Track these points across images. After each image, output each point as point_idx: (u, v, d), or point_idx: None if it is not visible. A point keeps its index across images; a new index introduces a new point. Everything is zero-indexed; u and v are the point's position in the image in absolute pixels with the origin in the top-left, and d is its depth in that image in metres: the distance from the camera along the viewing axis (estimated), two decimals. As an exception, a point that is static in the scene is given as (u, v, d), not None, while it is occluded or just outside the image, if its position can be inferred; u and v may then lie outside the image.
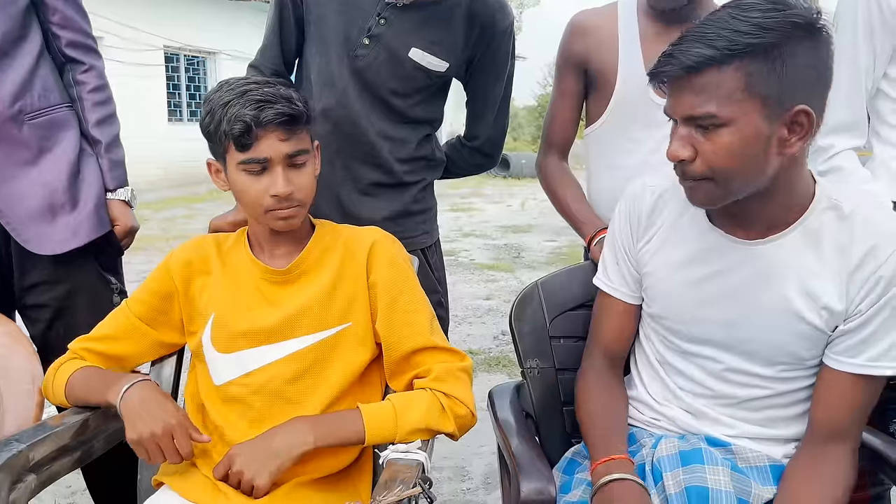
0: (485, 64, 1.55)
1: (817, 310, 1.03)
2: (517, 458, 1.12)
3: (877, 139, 1.42)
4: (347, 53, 1.48)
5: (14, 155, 1.44)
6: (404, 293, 1.22)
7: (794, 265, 1.04)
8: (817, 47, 0.94)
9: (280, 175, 1.12)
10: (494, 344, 3.92)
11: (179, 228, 7.44)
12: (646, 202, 1.18)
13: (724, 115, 0.94)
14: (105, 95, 1.59)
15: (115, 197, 1.58)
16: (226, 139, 1.11)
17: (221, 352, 1.20)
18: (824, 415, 1.06)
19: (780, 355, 1.08)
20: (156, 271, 1.26)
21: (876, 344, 1.01)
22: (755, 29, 0.91)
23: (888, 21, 1.33)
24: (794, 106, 0.94)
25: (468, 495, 2.32)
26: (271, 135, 1.10)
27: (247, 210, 1.19)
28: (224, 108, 1.10)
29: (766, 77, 0.92)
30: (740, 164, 0.96)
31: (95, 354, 1.24)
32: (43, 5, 1.50)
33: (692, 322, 1.13)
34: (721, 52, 0.92)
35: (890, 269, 0.99)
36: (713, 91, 0.94)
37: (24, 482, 1.08)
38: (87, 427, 1.20)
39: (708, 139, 0.96)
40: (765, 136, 0.95)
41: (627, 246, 1.21)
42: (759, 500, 1.06)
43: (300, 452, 1.08)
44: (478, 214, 9.37)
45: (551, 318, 1.36)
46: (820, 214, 1.04)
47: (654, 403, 1.20)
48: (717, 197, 1.02)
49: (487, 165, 1.75)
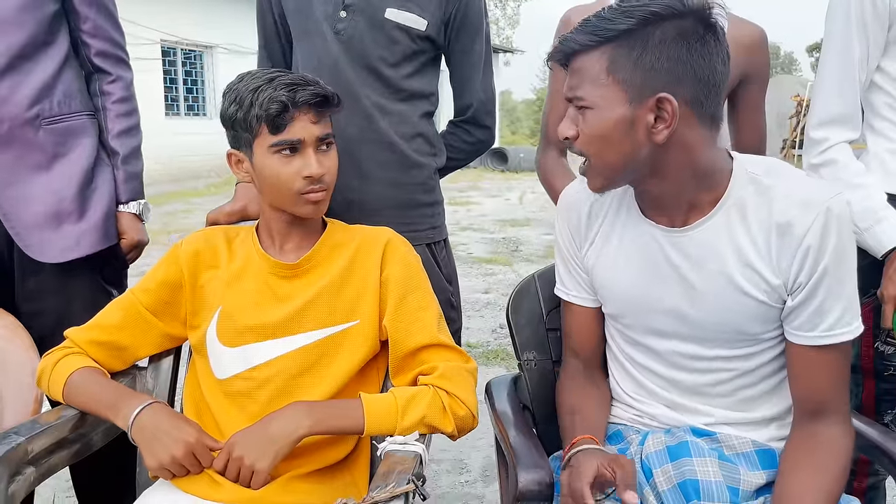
0: (461, 21, 1.56)
1: (758, 283, 1.04)
2: (515, 450, 1.12)
3: (870, 132, 1.42)
4: (331, 30, 1.49)
5: (27, 158, 1.43)
6: (414, 291, 1.23)
7: (727, 244, 1.05)
8: (687, 38, 0.96)
9: (312, 157, 1.15)
10: (493, 337, 3.93)
11: (178, 223, 7.43)
12: (583, 206, 1.20)
13: (590, 98, 1.00)
14: (129, 107, 1.58)
15: (126, 209, 1.57)
16: (257, 123, 1.13)
17: (227, 345, 1.20)
18: (802, 390, 1.07)
19: (734, 334, 1.09)
20: (163, 261, 1.25)
21: (828, 314, 1.02)
22: (618, 15, 0.97)
23: (881, 13, 1.33)
24: (657, 93, 0.96)
25: (466, 488, 2.33)
26: (304, 117, 1.14)
27: (275, 196, 1.18)
28: (255, 94, 1.12)
29: (626, 62, 0.97)
30: (606, 146, 1.01)
31: (97, 345, 1.22)
32: (74, 13, 1.49)
33: (644, 316, 1.15)
34: (589, 37, 0.99)
35: (814, 237, 0.99)
36: (583, 75, 1.01)
37: (23, 475, 1.09)
38: (86, 420, 1.20)
39: (583, 120, 1.02)
40: (627, 120, 0.99)
41: (573, 253, 1.23)
42: (748, 486, 1.07)
43: (298, 437, 1.08)
44: (476, 208, 9.37)
45: (548, 310, 1.36)
46: (741, 190, 1.05)
47: (633, 402, 1.21)
48: (601, 181, 1.06)
49: (486, 142, 1.72)
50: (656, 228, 1.11)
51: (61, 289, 1.49)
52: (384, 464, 1.07)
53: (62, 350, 1.22)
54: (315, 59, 1.51)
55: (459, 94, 1.66)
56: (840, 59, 1.38)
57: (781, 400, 1.13)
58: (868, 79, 1.39)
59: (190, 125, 11.84)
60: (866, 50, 1.36)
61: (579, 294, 1.24)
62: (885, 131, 1.39)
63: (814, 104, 1.45)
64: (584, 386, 1.24)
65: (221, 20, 11.56)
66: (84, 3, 1.49)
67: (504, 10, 31.08)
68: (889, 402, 1.43)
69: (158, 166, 10.58)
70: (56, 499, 2.19)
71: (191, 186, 10.53)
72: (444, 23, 1.54)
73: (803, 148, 1.49)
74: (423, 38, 1.51)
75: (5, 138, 1.40)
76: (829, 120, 1.40)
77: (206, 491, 1.11)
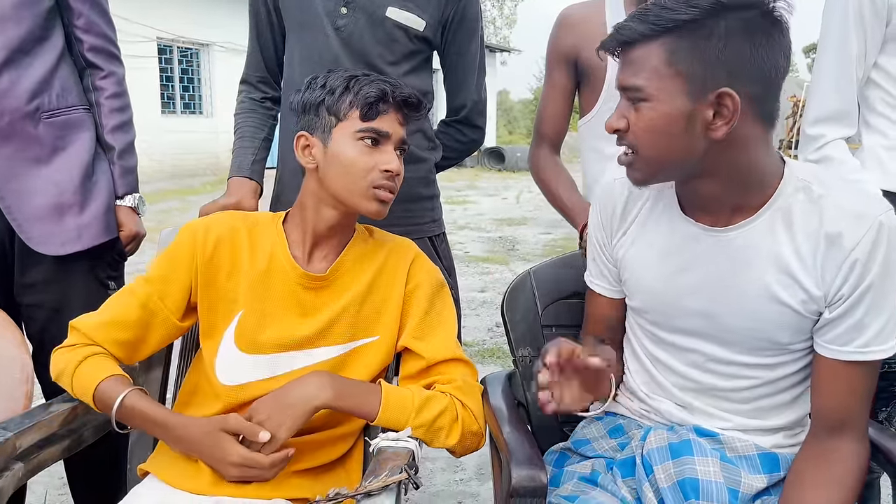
0: (458, 23, 1.57)
1: (796, 292, 1.02)
2: (509, 446, 1.12)
3: (866, 128, 1.42)
4: (331, 25, 1.49)
5: (27, 151, 1.44)
6: (439, 306, 1.24)
7: (768, 249, 1.03)
8: (752, 31, 0.93)
9: (393, 154, 1.16)
10: (488, 336, 3.93)
11: (174, 220, 7.41)
12: (619, 197, 1.18)
13: (648, 89, 0.96)
14: (122, 102, 1.59)
15: (122, 203, 1.58)
16: (350, 107, 1.14)
17: (245, 352, 1.18)
18: (825, 404, 1.04)
19: (762, 342, 1.07)
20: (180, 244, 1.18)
21: (866, 329, 1.00)
22: (682, 6, 0.94)
23: (878, 9, 1.33)
24: (719, 88, 0.94)
25: (461, 486, 2.33)
26: (395, 114, 1.16)
27: (343, 185, 1.14)
28: (352, 80, 1.15)
29: (689, 54, 0.94)
30: (660, 139, 0.98)
31: (118, 345, 1.16)
32: (68, 9, 1.50)
33: (672, 314, 1.13)
34: (649, 26, 0.95)
35: (863, 251, 0.97)
36: (641, 65, 0.97)
37: (11, 470, 1.08)
38: (76, 416, 1.19)
39: (636, 112, 0.99)
40: (686, 114, 0.95)
41: (603, 243, 1.21)
42: (748, 489, 1.06)
43: (314, 406, 1.08)
44: (473, 207, 9.37)
45: (543, 306, 1.36)
46: (789, 197, 1.02)
47: (644, 396, 1.20)
48: (644, 174, 1.03)
49: (478, 141, 1.75)
50: (696, 227, 1.08)
51: (60, 280, 1.49)
52: (377, 459, 1.06)
53: (85, 349, 1.15)
54: (315, 55, 1.50)
55: (454, 95, 1.67)
56: (837, 56, 1.38)
57: (795, 411, 1.12)
58: (865, 76, 1.39)
59: (186, 123, 11.82)
60: (864, 46, 1.36)
61: (601, 283, 1.24)
62: (880, 128, 1.39)
63: (810, 100, 1.44)
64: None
65: (218, 18, 11.55)
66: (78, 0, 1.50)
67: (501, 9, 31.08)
68: (883, 400, 1.43)
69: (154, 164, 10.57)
70: (48, 496, 2.18)
71: (186, 184, 10.51)
72: (441, 24, 1.55)
73: (799, 144, 1.49)
74: (420, 39, 1.52)
75: (6, 131, 1.41)
76: (826, 116, 1.40)
77: (194, 486, 1.10)
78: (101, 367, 1.13)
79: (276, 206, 1.61)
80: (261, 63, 1.63)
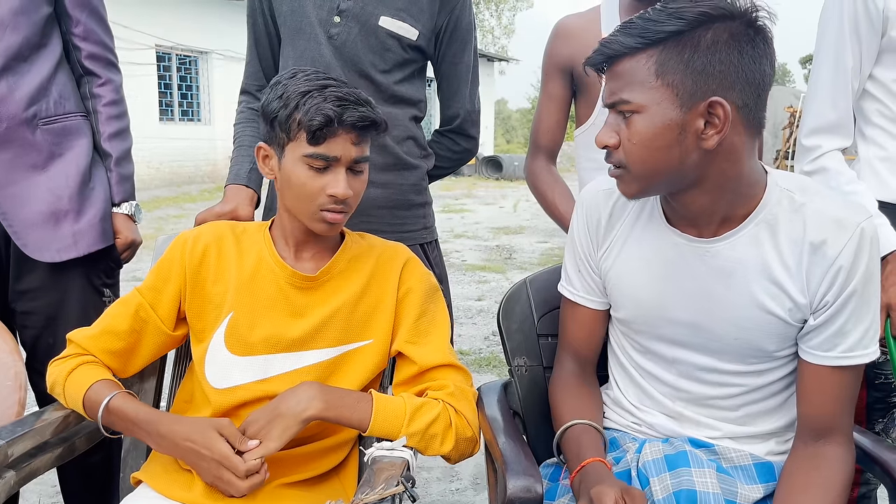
0: (451, 33, 1.57)
1: (783, 301, 1.03)
2: (504, 456, 1.11)
3: (861, 139, 1.42)
4: (324, 34, 1.49)
5: (25, 158, 1.44)
6: (431, 310, 1.23)
7: (754, 259, 1.04)
8: (738, 41, 0.94)
9: (342, 176, 1.10)
10: (485, 345, 3.92)
11: (171, 228, 7.40)
12: (604, 207, 1.18)
13: (637, 102, 0.96)
14: (120, 110, 1.59)
15: (119, 210, 1.58)
16: (298, 129, 1.09)
17: (236, 354, 1.17)
18: (810, 410, 1.05)
19: (749, 350, 1.08)
20: (169, 256, 1.20)
21: (849, 335, 1.01)
22: (667, 17, 0.94)
23: (873, 20, 1.33)
24: (708, 97, 0.94)
25: (457, 496, 2.32)
26: (346, 135, 1.09)
27: (294, 204, 1.14)
28: (303, 98, 1.08)
29: (677, 65, 0.94)
30: (653, 152, 0.97)
31: (111, 355, 1.17)
32: (66, 16, 1.51)
33: (659, 325, 1.13)
34: (636, 39, 0.95)
35: (847, 258, 0.98)
36: (628, 78, 0.97)
37: (3, 478, 1.07)
38: (69, 424, 1.18)
39: (627, 126, 0.98)
40: (678, 125, 0.95)
41: (588, 253, 1.20)
42: (745, 500, 1.06)
43: (306, 417, 1.06)
44: (470, 216, 9.37)
45: (539, 315, 1.35)
46: (773, 207, 1.03)
47: (634, 409, 1.20)
48: (637, 187, 1.02)
49: (471, 151, 1.75)
50: (681, 238, 1.08)
51: (55, 287, 1.49)
52: (371, 469, 1.05)
53: (76, 358, 1.16)
54: (308, 62, 1.51)
55: (447, 105, 1.67)
56: (833, 67, 1.39)
57: (784, 416, 1.12)
58: (861, 87, 1.39)
59: (184, 130, 11.83)
60: (859, 58, 1.36)
61: (587, 295, 1.22)
62: (876, 139, 1.39)
63: (806, 112, 1.45)
64: (581, 389, 1.23)
65: (217, 26, 11.58)
66: (76, 7, 1.50)
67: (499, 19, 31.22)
68: (880, 411, 1.43)
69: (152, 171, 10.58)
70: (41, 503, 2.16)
71: (184, 191, 10.51)
72: (434, 34, 1.55)
73: (795, 155, 1.49)
74: (414, 48, 1.52)
75: (3, 138, 1.41)
76: (822, 128, 1.40)
77: (186, 495, 1.09)
78: (91, 374, 1.13)
79: (269, 215, 1.61)
80: (259, 72, 1.64)
